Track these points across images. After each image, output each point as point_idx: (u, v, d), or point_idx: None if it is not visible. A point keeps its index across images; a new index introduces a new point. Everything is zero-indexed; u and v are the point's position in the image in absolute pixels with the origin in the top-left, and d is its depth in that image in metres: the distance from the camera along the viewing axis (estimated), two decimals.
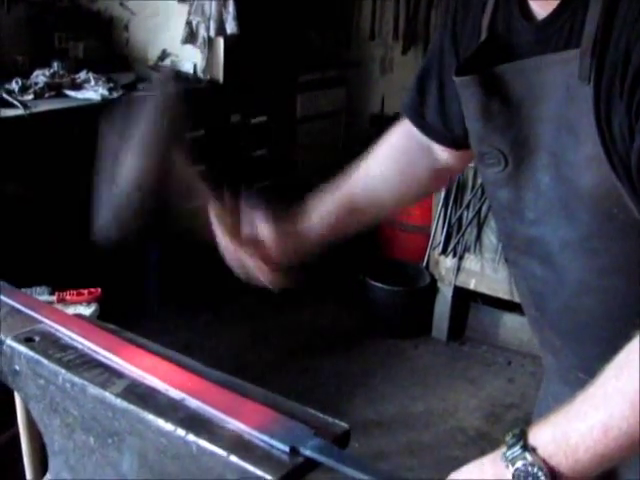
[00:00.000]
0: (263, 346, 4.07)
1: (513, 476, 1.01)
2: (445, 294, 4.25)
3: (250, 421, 1.21)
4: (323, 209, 1.53)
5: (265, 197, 1.51)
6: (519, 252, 1.32)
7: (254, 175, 4.81)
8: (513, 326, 4.22)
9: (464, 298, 4.29)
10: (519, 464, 1.02)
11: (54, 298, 2.48)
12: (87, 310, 2.39)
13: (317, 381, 3.73)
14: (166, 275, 4.12)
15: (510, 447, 1.05)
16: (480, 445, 3.42)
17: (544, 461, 1.00)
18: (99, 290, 2.50)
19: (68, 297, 2.48)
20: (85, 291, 2.49)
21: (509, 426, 3.54)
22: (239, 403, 1.27)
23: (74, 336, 1.47)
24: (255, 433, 1.18)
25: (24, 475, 2.39)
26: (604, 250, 1.18)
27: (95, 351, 1.43)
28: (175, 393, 1.29)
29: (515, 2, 1.22)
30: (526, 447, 1.03)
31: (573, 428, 1.01)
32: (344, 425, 1.29)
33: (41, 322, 1.53)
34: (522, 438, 1.04)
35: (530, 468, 1.00)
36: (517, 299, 3.93)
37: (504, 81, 1.20)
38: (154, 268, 4.06)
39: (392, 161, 1.56)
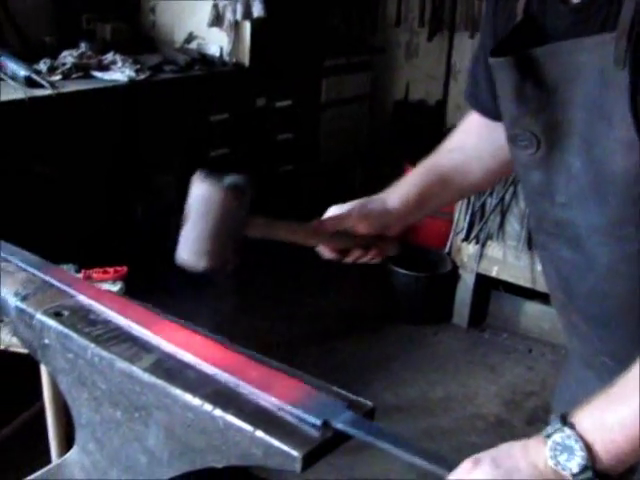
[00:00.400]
0: (286, 329, 4.09)
1: (550, 449, 1.01)
2: (467, 281, 4.25)
3: (283, 395, 1.21)
4: (412, 181, 1.53)
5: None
6: (548, 235, 1.33)
7: (278, 159, 4.82)
8: (534, 314, 4.22)
9: (486, 285, 4.28)
10: (556, 436, 1.01)
11: (80, 276, 2.51)
12: (113, 288, 2.42)
13: (338, 365, 3.74)
14: None
15: (551, 424, 1.04)
16: (499, 432, 3.42)
17: (580, 436, 1.00)
18: (125, 268, 2.53)
19: (94, 275, 2.51)
20: (111, 269, 2.52)
21: (529, 413, 3.56)
22: (272, 377, 1.27)
23: (107, 310, 1.48)
24: (288, 407, 1.19)
25: (49, 448, 2.43)
26: (633, 236, 1.18)
27: (127, 325, 1.45)
28: (207, 367, 1.30)
29: None
30: (565, 422, 1.03)
31: (611, 409, 1.01)
32: (368, 403, 1.31)
33: (72, 297, 1.55)
34: (563, 417, 1.04)
35: (567, 440, 1.00)
36: (539, 287, 3.96)
37: (538, 64, 1.20)
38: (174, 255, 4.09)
39: (475, 134, 1.57)
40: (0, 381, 2.62)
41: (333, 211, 1.48)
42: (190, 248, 1.36)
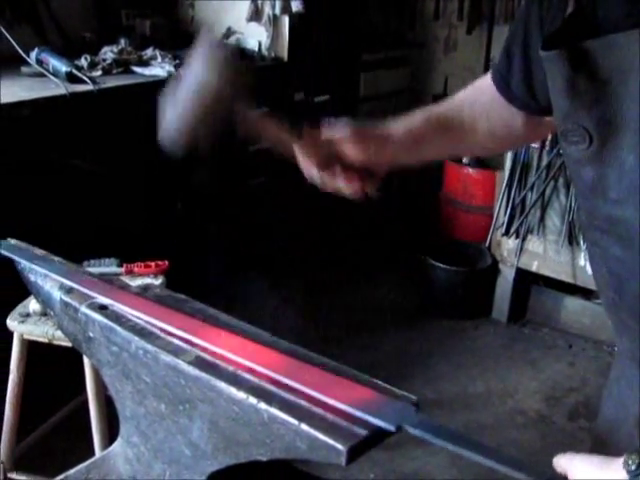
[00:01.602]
0: (324, 323, 4.09)
1: None
2: (506, 275, 4.23)
3: (351, 400, 1.19)
4: (413, 120, 1.50)
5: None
6: (600, 232, 1.30)
7: None
8: (575, 309, 4.18)
9: (526, 280, 4.26)
10: None
11: (122, 270, 2.53)
12: (155, 282, 2.43)
13: (377, 359, 3.74)
14: (231, 252, 4.16)
15: (634, 477, 1.01)
16: (540, 428, 3.40)
17: None
18: (166, 263, 2.55)
19: (136, 269, 2.53)
20: (152, 263, 2.53)
21: (569, 409, 3.53)
22: (331, 381, 1.26)
23: (136, 312, 1.49)
24: (360, 413, 1.17)
25: (92, 440, 2.45)
26: None
27: (166, 324, 1.45)
28: (263, 375, 1.29)
29: None
30: None
31: None
32: (412, 397, 1.30)
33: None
34: None
35: None
36: (579, 282, 3.93)
37: (592, 56, 1.17)
38: (217, 243, 4.10)
39: (489, 96, 1.52)
40: (44, 373, 2.65)
41: (325, 127, 1.44)
42: (172, 120, 1.34)
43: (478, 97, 1.55)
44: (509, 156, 4.05)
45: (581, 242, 3.88)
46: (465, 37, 5.61)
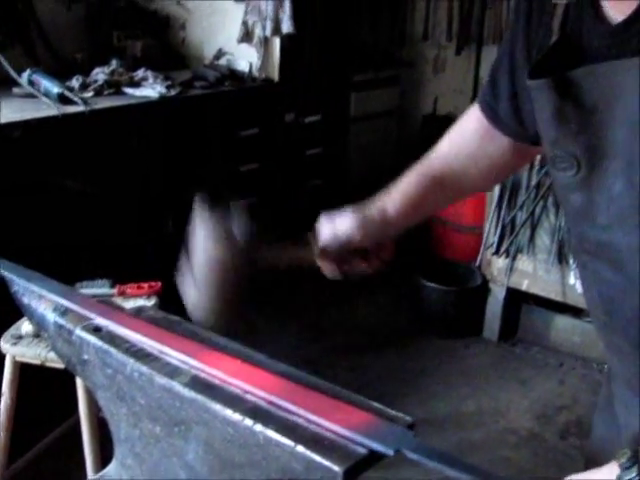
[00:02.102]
0: (315, 343, 4.09)
1: None
2: (497, 295, 4.24)
3: (349, 423, 1.20)
4: (408, 187, 1.52)
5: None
6: (590, 256, 1.31)
7: (307, 173, 4.84)
8: (565, 328, 4.20)
9: (516, 299, 4.27)
10: None
11: (115, 291, 2.53)
12: (147, 303, 2.44)
13: (368, 379, 3.74)
14: None
15: (625, 470, 1.04)
16: (532, 446, 3.41)
17: None
18: (159, 284, 2.55)
19: (129, 290, 2.53)
20: (145, 284, 2.54)
21: (561, 428, 3.54)
22: (328, 404, 1.26)
23: (137, 334, 1.49)
24: (358, 437, 1.17)
25: (84, 462, 2.45)
26: None
27: (160, 345, 1.45)
28: (259, 396, 1.30)
29: (589, 4, 1.20)
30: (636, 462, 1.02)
31: None
32: (408, 418, 1.31)
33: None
34: (637, 462, 1.03)
35: None
36: (569, 301, 3.95)
37: (578, 85, 1.18)
38: None
39: (471, 137, 1.55)
40: (37, 396, 2.64)
41: (326, 224, 1.47)
42: (201, 307, 1.35)
43: (462, 144, 1.56)
44: None
45: (570, 261, 3.90)
46: (454, 57, 5.66)
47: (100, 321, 1.53)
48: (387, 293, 4.67)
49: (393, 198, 1.51)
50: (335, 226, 1.46)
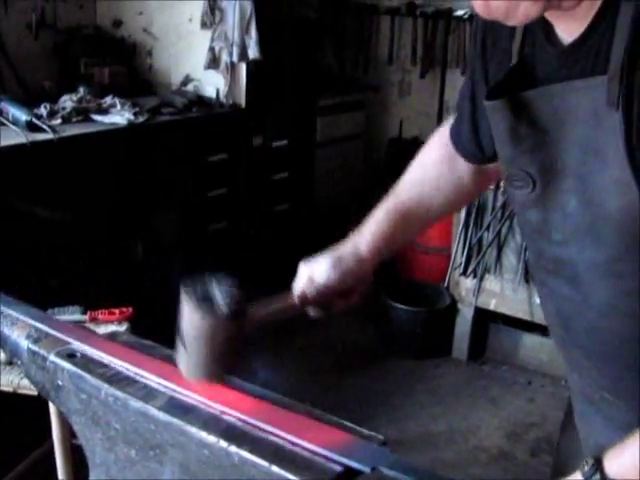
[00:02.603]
0: (284, 365, 4.11)
1: None
2: (465, 315, 4.28)
3: (325, 442, 1.22)
4: (378, 225, 1.57)
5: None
6: (547, 272, 1.34)
7: (274, 198, 4.87)
8: (533, 346, 4.25)
9: (484, 319, 4.32)
10: None
11: (86, 317, 2.54)
12: (119, 329, 2.44)
13: (339, 400, 3.75)
14: None
15: (588, 478, 1.08)
16: (502, 464, 3.44)
17: None
18: (130, 309, 2.56)
19: (100, 316, 2.53)
20: (117, 310, 2.54)
21: (531, 445, 3.57)
22: (303, 424, 1.29)
23: (111, 357, 1.51)
24: (334, 455, 1.20)
25: None
26: (630, 273, 1.19)
27: (134, 369, 1.47)
28: (234, 417, 1.32)
29: (541, 28, 1.24)
30: (598, 468, 1.06)
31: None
32: (380, 437, 1.33)
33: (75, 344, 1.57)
34: (599, 469, 1.06)
35: None
36: (537, 319, 4.00)
37: (531, 106, 1.22)
38: (177, 285, 4.11)
39: (434, 167, 1.61)
40: (9, 422, 2.64)
41: (307, 272, 1.52)
42: (195, 371, 1.38)
43: (425, 173, 1.62)
44: None
45: None
46: (419, 81, 5.72)
47: (77, 345, 1.54)
48: (356, 314, 4.68)
49: (365, 237, 1.56)
50: (312, 271, 1.51)
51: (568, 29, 1.19)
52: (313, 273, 1.51)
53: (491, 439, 3.65)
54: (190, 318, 1.33)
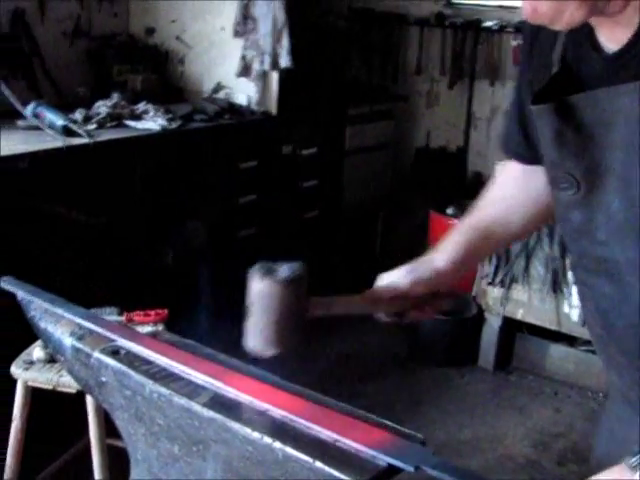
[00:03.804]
0: (311, 372, 4.11)
1: None
2: (492, 324, 4.29)
3: (366, 440, 1.25)
4: (454, 241, 1.60)
5: None
6: (588, 271, 1.38)
7: (303, 205, 4.90)
8: (560, 356, 4.24)
9: (511, 328, 4.32)
10: None
11: (123, 319, 2.57)
12: (154, 330, 2.47)
13: (365, 407, 3.67)
14: (221, 298, 4.20)
15: (634, 467, 1.10)
16: (529, 473, 3.44)
17: None
18: (165, 311, 2.59)
19: (136, 318, 2.57)
20: (152, 312, 2.57)
21: (558, 454, 3.57)
22: (346, 422, 1.33)
23: (155, 353, 1.53)
24: (376, 453, 1.22)
25: None
26: None
27: (177, 366, 1.50)
28: (278, 414, 1.35)
29: (585, 36, 1.28)
30: None
31: None
32: (419, 436, 1.35)
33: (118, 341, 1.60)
34: None
35: None
36: (564, 330, 4.00)
37: (577, 110, 1.26)
38: (206, 290, 4.15)
39: (512, 184, 1.64)
40: (48, 419, 2.67)
41: (384, 279, 1.56)
42: (256, 338, 1.45)
43: (501, 190, 1.66)
44: None
45: (565, 290, 3.96)
46: (447, 92, 5.73)
47: (121, 342, 1.57)
48: (383, 322, 4.69)
49: (442, 251, 1.59)
50: (388, 276, 1.56)
51: (612, 35, 1.23)
52: (388, 278, 1.55)
53: (518, 448, 3.65)
54: (253, 286, 1.41)
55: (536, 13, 1.19)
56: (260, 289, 1.41)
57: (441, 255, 1.58)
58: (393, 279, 1.55)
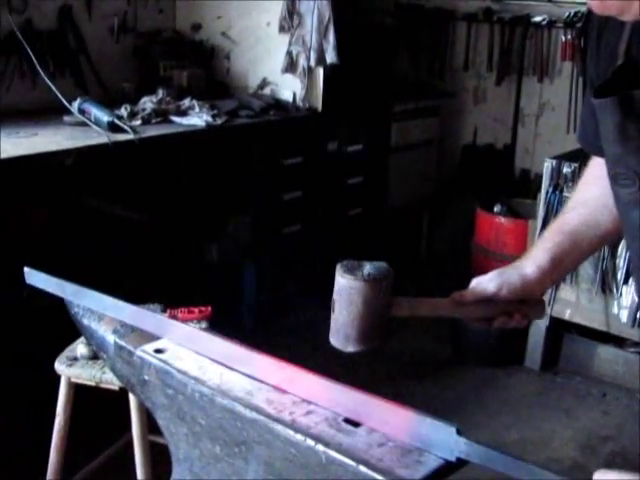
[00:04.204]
0: (354, 372, 4.08)
1: None
2: (539, 324, 4.23)
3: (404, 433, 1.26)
4: (544, 247, 1.57)
5: None
6: None
7: (348, 202, 4.87)
8: (608, 358, 4.17)
9: (558, 328, 4.26)
10: None
11: (166, 315, 2.56)
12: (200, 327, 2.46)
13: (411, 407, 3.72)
14: (264, 297, 4.20)
15: None
16: (576, 476, 3.38)
17: None
18: (209, 308, 2.57)
19: (180, 314, 2.55)
20: (196, 309, 2.56)
21: (606, 458, 3.51)
22: (394, 413, 1.32)
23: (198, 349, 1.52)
24: (420, 445, 1.23)
25: None
26: None
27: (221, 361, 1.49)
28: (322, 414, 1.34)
29: None
30: None
31: None
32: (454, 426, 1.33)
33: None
34: None
35: None
36: (613, 331, 3.93)
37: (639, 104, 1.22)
38: (250, 290, 4.15)
39: (595, 183, 1.60)
40: (90, 415, 2.68)
41: (474, 283, 1.54)
42: (339, 333, 1.45)
43: (588, 193, 1.62)
44: (541, 205, 4.07)
45: (614, 290, 3.89)
46: (494, 88, 5.67)
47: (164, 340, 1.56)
48: (428, 322, 4.66)
49: (531, 257, 1.56)
50: (477, 280, 1.54)
51: None
52: (478, 281, 1.53)
53: (564, 451, 3.59)
54: (338, 282, 1.42)
55: (604, 4, 1.15)
56: (345, 285, 1.41)
57: (530, 264, 1.55)
58: (479, 281, 1.53)
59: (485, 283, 1.52)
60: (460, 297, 1.51)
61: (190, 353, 1.53)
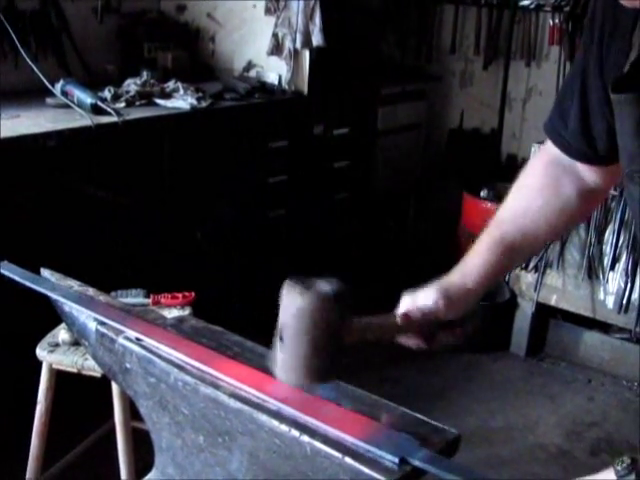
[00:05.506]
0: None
1: None
2: (525, 309, 4.22)
3: (356, 432, 1.23)
4: (482, 257, 1.53)
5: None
6: None
7: (334, 186, 4.85)
8: (594, 344, 4.17)
9: (544, 314, 4.25)
10: None
11: (149, 301, 2.54)
12: (182, 313, 2.44)
13: (395, 393, 3.72)
14: (250, 280, 4.18)
15: (621, 477, 1.04)
16: (561, 462, 3.38)
17: None
18: (192, 294, 2.56)
19: (163, 300, 2.53)
20: (179, 295, 2.54)
21: (591, 444, 3.51)
22: (341, 414, 1.30)
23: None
24: (364, 444, 1.21)
25: (117, 470, 2.46)
26: None
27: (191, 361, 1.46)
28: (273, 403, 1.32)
29: None
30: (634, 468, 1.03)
31: None
32: (454, 432, 1.31)
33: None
34: (635, 469, 1.04)
35: None
36: (598, 316, 3.93)
37: None
38: (235, 272, 4.12)
39: (538, 193, 1.55)
40: (72, 403, 2.66)
41: (409, 300, 1.48)
42: (291, 368, 1.26)
43: (528, 202, 1.56)
44: None
45: (601, 276, 3.89)
46: (481, 72, 5.64)
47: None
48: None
49: (470, 269, 1.52)
50: (417, 297, 1.48)
51: None
52: (418, 298, 1.48)
53: (550, 437, 3.59)
54: (290, 303, 1.22)
55: None
56: (298, 306, 1.21)
57: (471, 277, 1.51)
58: (424, 302, 1.47)
59: (432, 301, 1.46)
60: (407, 319, 1.46)
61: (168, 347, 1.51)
